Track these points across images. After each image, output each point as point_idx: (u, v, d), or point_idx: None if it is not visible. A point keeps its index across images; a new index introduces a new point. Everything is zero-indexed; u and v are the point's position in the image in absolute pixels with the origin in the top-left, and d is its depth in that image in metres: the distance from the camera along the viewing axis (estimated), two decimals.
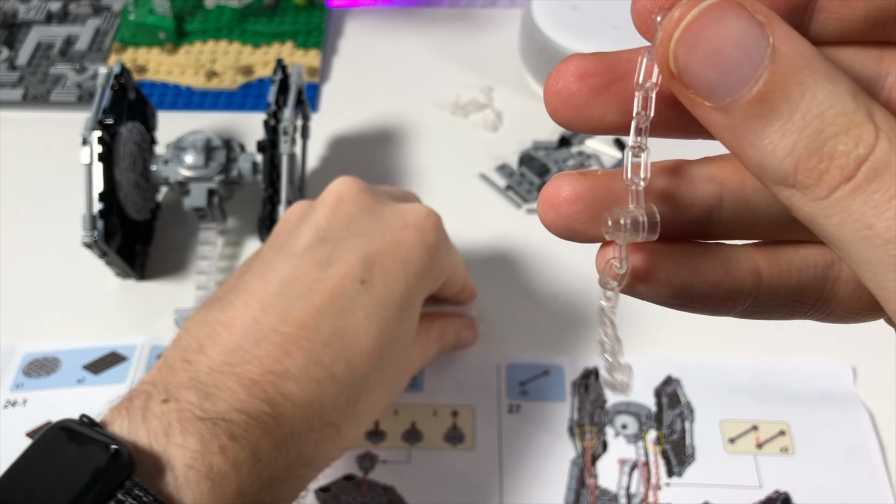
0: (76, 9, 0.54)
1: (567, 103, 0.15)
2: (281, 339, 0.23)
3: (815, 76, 0.12)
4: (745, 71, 0.12)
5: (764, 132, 0.12)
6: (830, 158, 0.12)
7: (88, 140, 0.35)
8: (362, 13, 0.57)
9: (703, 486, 0.33)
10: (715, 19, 0.12)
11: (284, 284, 0.25)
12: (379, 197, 0.29)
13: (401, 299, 0.25)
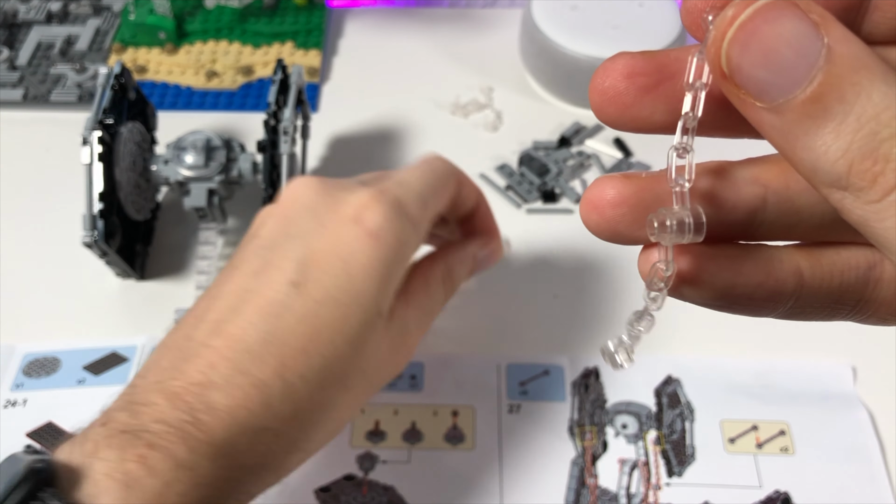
0: (76, 9, 0.54)
1: (614, 102, 0.15)
2: (208, 352, 0.23)
3: (870, 77, 0.12)
4: (799, 71, 0.12)
5: (817, 134, 0.12)
6: (886, 161, 0.12)
7: (89, 140, 0.35)
8: (362, 13, 0.57)
9: (704, 486, 0.33)
10: (769, 19, 0.12)
11: (219, 299, 0.25)
12: (327, 192, 0.27)
13: (347, 296, 0.24)
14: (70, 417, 0.34)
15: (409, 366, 0.37)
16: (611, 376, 0.36)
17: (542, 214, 0.44)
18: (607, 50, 0.46)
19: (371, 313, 0.24)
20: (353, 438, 0.34)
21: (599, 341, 0.38)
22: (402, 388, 0.36)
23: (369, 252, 0.25)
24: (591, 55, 0.46)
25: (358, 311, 0.24)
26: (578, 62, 0.47)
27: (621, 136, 0.48)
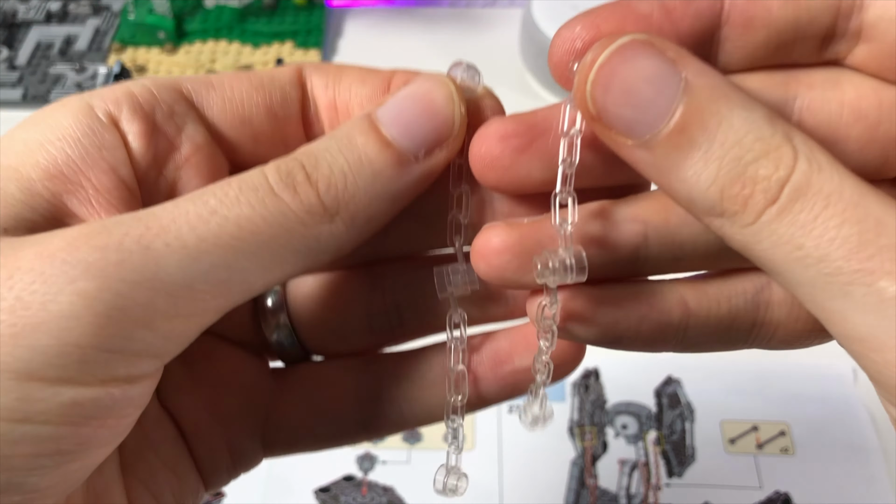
0: (76, 8, 0.54)
1: (493, 167, 0.15)
2: None
3: (729, 105, 0.12)
4: (660, 106, 0.12)
5: (686, 164, 0.12)
6: (753, 183, 0.12)
7: None
8: (362, 13, 0.57)
9: (704, 486, 0.33)
10: (626, 58, 0.13)
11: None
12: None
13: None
14: None
15: None
16: (611, 377, 0.36)
17: None
18: None
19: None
20: None
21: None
22: None
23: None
24: None
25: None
26: None
27: None
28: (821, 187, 0.12)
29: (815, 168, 0.12)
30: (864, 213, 0.12)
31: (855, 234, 0.11)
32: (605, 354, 0.37)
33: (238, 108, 0.16)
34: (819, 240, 0.12)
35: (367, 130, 0.15)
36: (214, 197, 0.13)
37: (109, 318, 0.12)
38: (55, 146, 0.14)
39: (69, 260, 0.12)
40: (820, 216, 0.12)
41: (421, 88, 0.16)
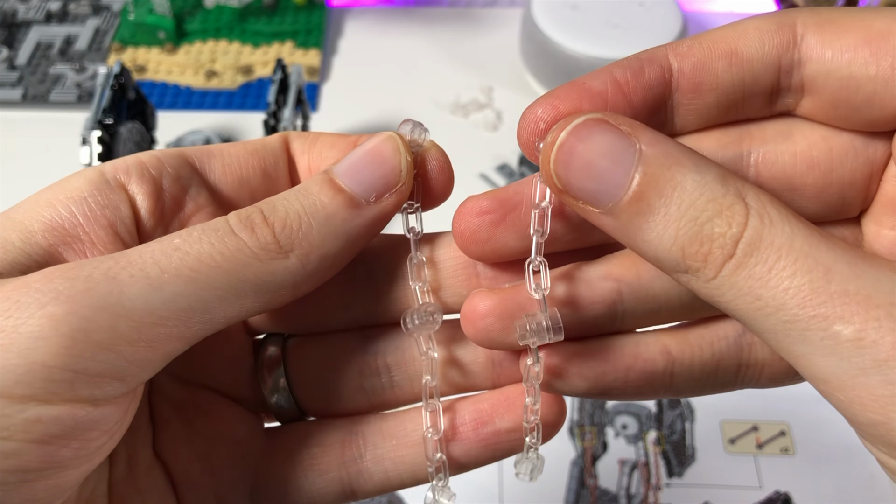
0: (76, 8, 0.54)
1: (473, 240, 0.16)
2: None
3: (682, 170, 0.13)
4: (619, 177, 0.13)
5: (648, 227, 0.13)
6: (710, 241, 0.13)
7: (88, 140, 0.35)
8: (362, 13, 0.57)
9: (704, 486, 0.33)
10: (582, 137, 0.14)
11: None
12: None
13: None
14: None
15: None
16: None
17: None
18: (607, 49, 0.46)
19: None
20: None
21: None
22: None
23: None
24: (591, 55, 0.46)
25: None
26: (578, 61, 0.47)
27: None
28: (772, 241, 0.13)
29: (767, 223, 0.13)
30: (813, 262, 0.12)
31: (807, 282, 0.12)
32: None
33: (237, 171, 0.17)
34: (775, 290, 0.12)
35: (321, 181, 0.16)
36: (179, 237, 0.14)
37: (74, 339, 0.13)
38: (62, 203, 0.15)
39: (42, 289, 0.13)
40: (773, 268, 0.12)
41: (371, 143, 0.17)
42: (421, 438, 0.17)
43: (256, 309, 0.15)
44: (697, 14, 0.58)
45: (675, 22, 0.48)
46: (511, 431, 0.17)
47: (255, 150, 0.18)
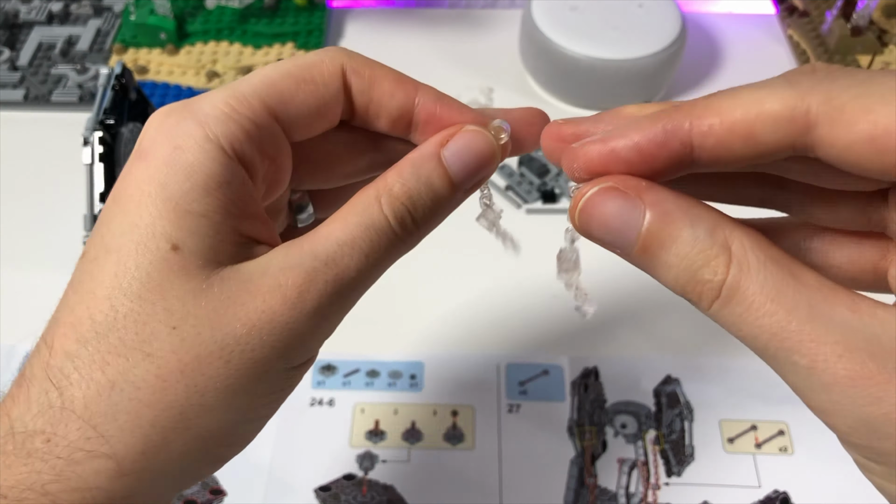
0: (77, 9, 0.55)
1: (553, 156, 0.20)
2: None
3: (679, 225, 0.17)
4: (628, 234, 0.17)
5: (658, 268, 0.17)
6: (702, 284, 0.16)
7: (89, 140, 0.35)
8: (363, 14, 0.57)
9: (703, 485, 0.33)
10: (597, 203, 0.17)
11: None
12: (157, 118, 0.21)
13: (116, 236, 0.19)
14: None
15: (409, 365, 0.37)
16: (610, 376, 0.36)
17: (542, 215, 0.44)
18: (607, 50, 0.46)
19: (156, 250, 0.18)
20: (353, 438, 0.34)
21: (599, 341, 0.38)
22: (401, 388, 0.36)
23: (137, 175, 0.18)
24: (590, 56, 0.46)
25: (135, 253, 0.18)
26: (578, 62, 0.47)
27: None
28: (748, 287, 0.16)
29: (745, 271, 0.16)
30: (778, 304, 0.16)
31: (774, 322, 0.16)
32: (606, 354, 0.37)
33: (300, 106, 0.20)
34: (751, 326, 0.16)
35: (435, 166, 0.20)
36: (362, 239, 0.19)
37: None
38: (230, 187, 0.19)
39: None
40: (748, 309, 0.16)
41: (480, 141, 0.20)
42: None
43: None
44: (696, 15, 0.58)
45: (675, 23, 0.48)
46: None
47: (311, 79, 0.20)
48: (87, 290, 0.18)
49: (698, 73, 0.53)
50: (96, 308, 0.18)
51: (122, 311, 0.18)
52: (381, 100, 0.21)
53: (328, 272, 0.18)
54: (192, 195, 0.18)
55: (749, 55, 0.55)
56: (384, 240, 0.19)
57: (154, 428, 0.17)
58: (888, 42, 0.52)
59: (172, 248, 0.18)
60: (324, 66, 0.20)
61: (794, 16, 0.56)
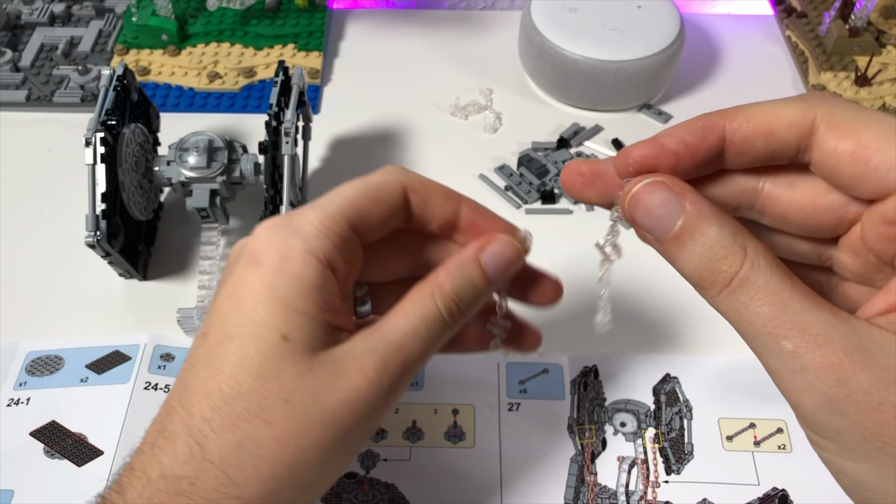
0: (79, 11, 0.55)
1: (572, 190, 0.24)
2: (151, 424, 0.24)
3: (708, 224, 0.20)
4: (667, 221, 0.20)
5: (682, 255, 0.20)
6: (717, 273, 0.20)
7: (91, 141, 0.36)
8: (363, 15, 0.58)
9: (702, 483, 0.33)
10: (647, 191, 0.21)
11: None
12: (266, 232, 0.25)
13: (241, 329, 0.23)
14: (73, 416, 0.35)
15: None
16: (610, 375, 0.37)
17: (542, 215, 0.45)
18: (605, 51, 0.47)
19: (271, 340, 0.23)
20: None
21: (598, 341, 0.38)
22: None
23: (252, 278, 0.23)
24: (589, 57, 0.47)
25: (254, 341, 0.23)
26: (577, 64, 0.47)
27: (619, 138, 0.48)
28: (755, 281, 0.19)
29: (756, 268, 0.19)
30: (777, 299, 0.19)
31: (770, 311, 0.19)
32: (604, 352, 0.37)
33: (374, 220, 0.25)
34: (751, 312, 0.19)
35: (475, 268, 0.25)
36: (421, 329, 0.24)
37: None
38: (324, 290, 0.24)
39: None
40: (752, 298, 0.19)
41: (508, 250, 0.26)
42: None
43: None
44: (695, 16, 0.58)
45: (674, 25, 0.48)
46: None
47: (381, 198, 0.25)
48: (215, 368, 0.23)
49: (697, 73, 0.53)
50: (224, 383, 0.22)
51: (245, 387, 0.22)
52: (434, 211, 0.26)
53: (398, 356, 0.23)
54: (297, 297, 0.23)
55: (747, 56, 0.55)
56: (438, 327, 0.24)
57: (271, 478, 0.22)
58: (886, 43, 0.53)
59: (283, 338, 0.23)
60: (391, 185, 0.25)
61: (792, 17, 0.56)
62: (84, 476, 0.33)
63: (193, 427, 0.22)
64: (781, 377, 0.19)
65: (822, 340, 0.18)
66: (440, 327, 0.24)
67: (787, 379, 0.19)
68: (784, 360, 0.19)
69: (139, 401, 0.35)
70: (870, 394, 0.18)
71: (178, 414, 0.23)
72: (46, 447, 0.34)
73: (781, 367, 0.19)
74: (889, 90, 0.50)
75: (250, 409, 0.22)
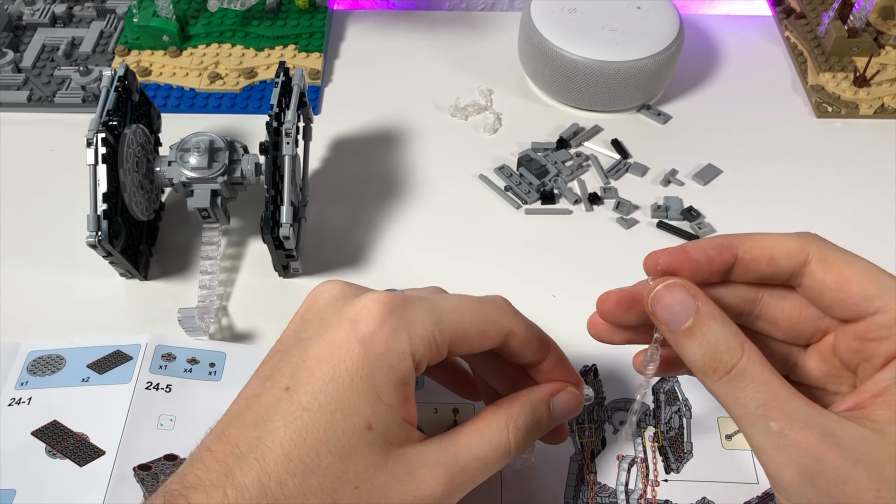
0: (80, 12, 0.55)
1: (606, 317, 0.28)
2: (208, 456, 0.24)
3: (715, 323, 0.24)
4: (682, 317, 0.24)
5: (691, 345, 0.24)
6: (719, 363, 0.24)
7: (93, 141, 0.36)
8: (363, 16, 0.58)
9: (701, 482, 0.33)
10: (668, 290, 0.25)
11: (234, 404, 0.26)
12: (343, 295, 0.27)
13: (332, 403, 0.24)
14: (74, 416, 0.35)
15: None
16: (609, 374, 0.37)
17: (541, 215, 0.45)
18: (605, 52, 0.47)
19: (357, 425, 0.24)
20: None
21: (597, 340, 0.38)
22: None
23: (356, 357, 0.24)
24: (589, 57, 0.47)
25: (342, 421, 0.24)
26: (577, 64, 0.47)
27: (619, 139, 0.48)
28: (751, 372, 0.23)
29: (751, 362, 0.23)
30: (768, 387, 0.23)
31: (762, 397, 0.23)
32: (603, 352, 0.37)
33: (470, 347, 0.28)
34: (746, 397, 0.23)
35: (545, 408, 0.29)
36: (491, 457, 0.27)
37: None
38: (405, 388, 0.26)
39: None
40: (748, 386, 0.23)
41: (574, 401, 0.30)
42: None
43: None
44: (694, 17, 0.58)
45: (673, 25, 0.48)
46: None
47: (485, 333, 0.28)
48: (299, 434, 0.24)
49: (696, 74, 0.54)
50: (305, 453, 0.24)
51: (325, 463, 0.24)
52: (526, 355, 0.29)
53: (465, 477, 0.26)
54: (387, 389, 0.25)
55: (746, 57, 0.55)
56: (503, 458, 0.27)
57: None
58: (885, 44, 0.53)
59: (368, 426, 0.24)
60: (498, 326, 0.28)
61: (790, 17, 0.56)
62: (86, 476, 0.33)
63: (268, 489, 0.23)
64: (765, 452, 0.23)
65: (803, 424, 0.22)
66: (505, 458, 0.27)
67: (770, 454, 0.23)
68: (770, 438, 0.22)
69: (140, 400, 0.35)
70: (840, 470, 0.21)
71: (250, 467, 0.23)
72: (48, 447, 0.34)
73: (767, 444, 0.23)
74: (887, 91, 0.50)
75: (324, 485, 0.23)
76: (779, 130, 0.50)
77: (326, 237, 0.43)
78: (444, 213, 0.45)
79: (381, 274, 0.42)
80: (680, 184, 0.46)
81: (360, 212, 0.45)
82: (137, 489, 0.32)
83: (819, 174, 0.47)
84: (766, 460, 0.23)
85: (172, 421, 0.35)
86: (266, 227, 0.36)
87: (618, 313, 0.27)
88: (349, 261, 0.42)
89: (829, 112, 0.50)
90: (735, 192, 0.45)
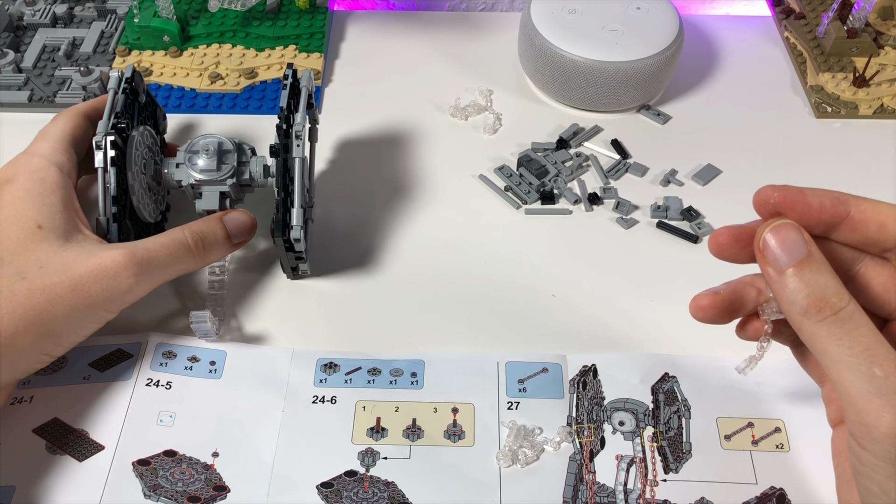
0: (81, 12, 0.55)
1: (721, 251, 0.29)
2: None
3: (825, 269, 0.25)
4: (793, 255, 0.25)
5: (797, 282, 0.25)
6: (827, 303, 0.25)
7: (102, 145, 0.36)
8: (364, 16, 0.58)
9: (700, 482, 0.33)
10: (785, 227, 0.26)
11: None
12: (8, 165, 0.36)
13: (8, 217, 0.33)
14: (75, 413, 0.35)
15: (409, 363, 0.37)
16: (608, 374, 0.37)
17: (541, 215, 0.45)
18: (604, 53, 0.47)
19: (27, 226, 0.33)
20: (355, 435, 0.35)
21: (597, 339, 0.39)
22: (403, 386, 0.36)
23: (9, 189, 0.34)
24: (588, 58, 0.47)
25: (15, 229, 0.33)
26: (576, 65, 0.47)
27: (619, 139, 0.49)
28: (858, 318, 0.24)
29: (857, 310, 0.24)
30: (875, 335, 0.24)
31: (870, 342, 0.24)
32: (603, 351, 0.38)
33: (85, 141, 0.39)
34: (852, 340, 0.24)
35: (222, 228, 0.38)
36: (169, 244, 0.36)
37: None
38: (61, 191, 0.35)
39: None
40: (855, 329, 0.24)
41: (243, 217, 0.39)
42: None
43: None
44: (693, 17, 0.58)
45: (672, 26, 0.49)
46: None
47: (86, 125, 0.40)
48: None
49: (696, 74, 0.54)
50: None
51: (7, 260, 0.32)
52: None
53: (144, 253, 0.34)
54: (46, 194, 0.34)
55: (746, 57, 0.55)
56: (182, 248, 0.37)
57: (22, 319, 0.31)
58: (884, 44, 0.53)
59: (38, 226, 0.33)
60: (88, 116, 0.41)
61: (790, 18, 0.56)
62: (85, 470, 0.33)
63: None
64: (864, 398, 0.23)
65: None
66: (184, 249, 0.36)
67: (869, 399, 0.23)
68: (874, 383, 0.23)
69: (140, 396, 0.35)
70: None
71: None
72: (48, 444, 0.34)
73: (868, 388, 0.23)
74: (887, 91, 0.50)
75: (10, 272, 0.32)
76: (778, 131, 0.50)
77: (333, 238, 0.43)
78: (444, 213, 0.45)
79: (387, 275, 0.42)
80: (679, 184, 0.46)
81: (362, 212, 0.45)
82: (136, 483, 0.33)
83: (818, 174, 0.47)
84: (864, 406, 0.23)
85: (172, 417, 0.35)
86: (277, 230, 0.36)
87: (732, 250, 0.28)
88: (358, 262, 0.42)
89: (829, 112, 0.50)
90: (735, 192, 0.46)
